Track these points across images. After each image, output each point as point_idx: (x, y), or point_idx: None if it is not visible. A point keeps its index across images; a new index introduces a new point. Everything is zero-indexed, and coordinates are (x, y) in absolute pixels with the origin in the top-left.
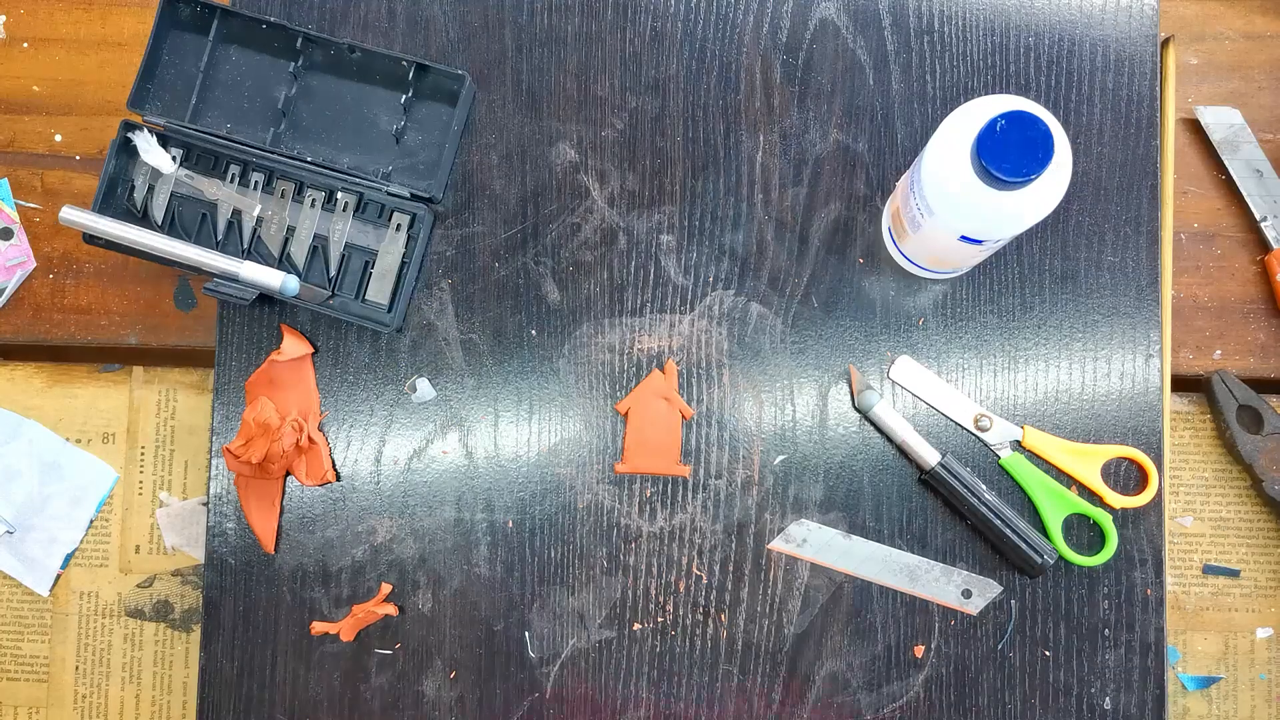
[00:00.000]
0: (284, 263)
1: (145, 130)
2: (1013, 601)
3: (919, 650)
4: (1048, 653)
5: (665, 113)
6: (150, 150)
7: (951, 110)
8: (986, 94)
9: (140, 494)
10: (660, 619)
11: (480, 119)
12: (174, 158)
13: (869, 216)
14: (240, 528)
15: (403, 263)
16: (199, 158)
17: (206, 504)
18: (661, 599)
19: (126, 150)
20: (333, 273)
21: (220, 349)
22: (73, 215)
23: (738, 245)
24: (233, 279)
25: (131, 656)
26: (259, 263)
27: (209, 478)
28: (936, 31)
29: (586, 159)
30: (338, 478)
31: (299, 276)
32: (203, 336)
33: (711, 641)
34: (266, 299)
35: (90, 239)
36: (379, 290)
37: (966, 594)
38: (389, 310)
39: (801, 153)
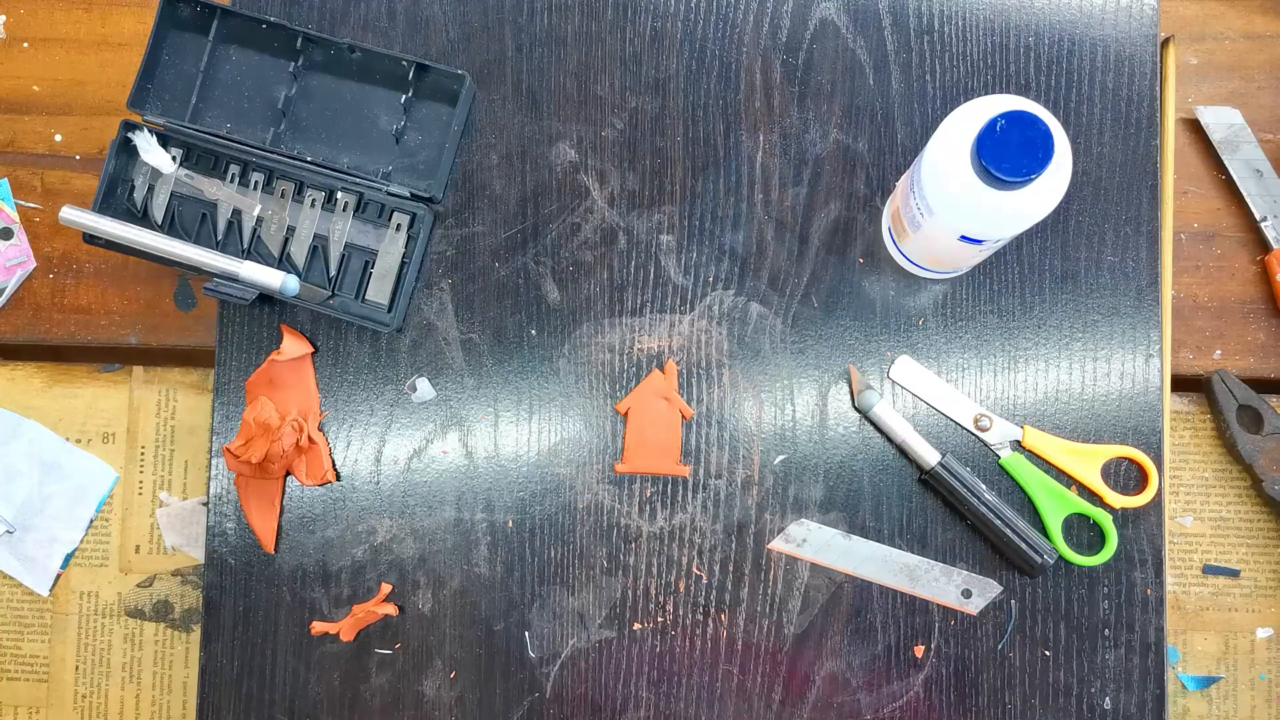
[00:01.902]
0: (284, 263)
1: (145, 130)
2: (1013, 601)
3: (919, 650)
4: (1047, 653)
5: (665, 113)
6: (150, 150)
7: (951, 110)
8: (986, 94)
9: (140, 494)
10: (660, 619)
11: (480, 119)
12: (174, 158)
13: (869, 216)
14: (240, 528)
15: (403, 263)
16: (199, 158)
17: (206, 504)
18: (661, 599)
19: (126, 150)
20: (333, 273)
21: (220, 349)
22: (73, 215)
23: (738, 245)
24: (233, 279)
25: (131, 656)
26: (259, 263)
27: (209, 478)
28: (936, 31)
29: (586, 159)
30: (338, 478)
31: (299, 276)
32: (203, 336)
33: (711, 641)
34: (266, 299)
35: (90, 239)
36: (379, 290)
37: (966, 594)
38: (389, 310)
39: (802, 153)
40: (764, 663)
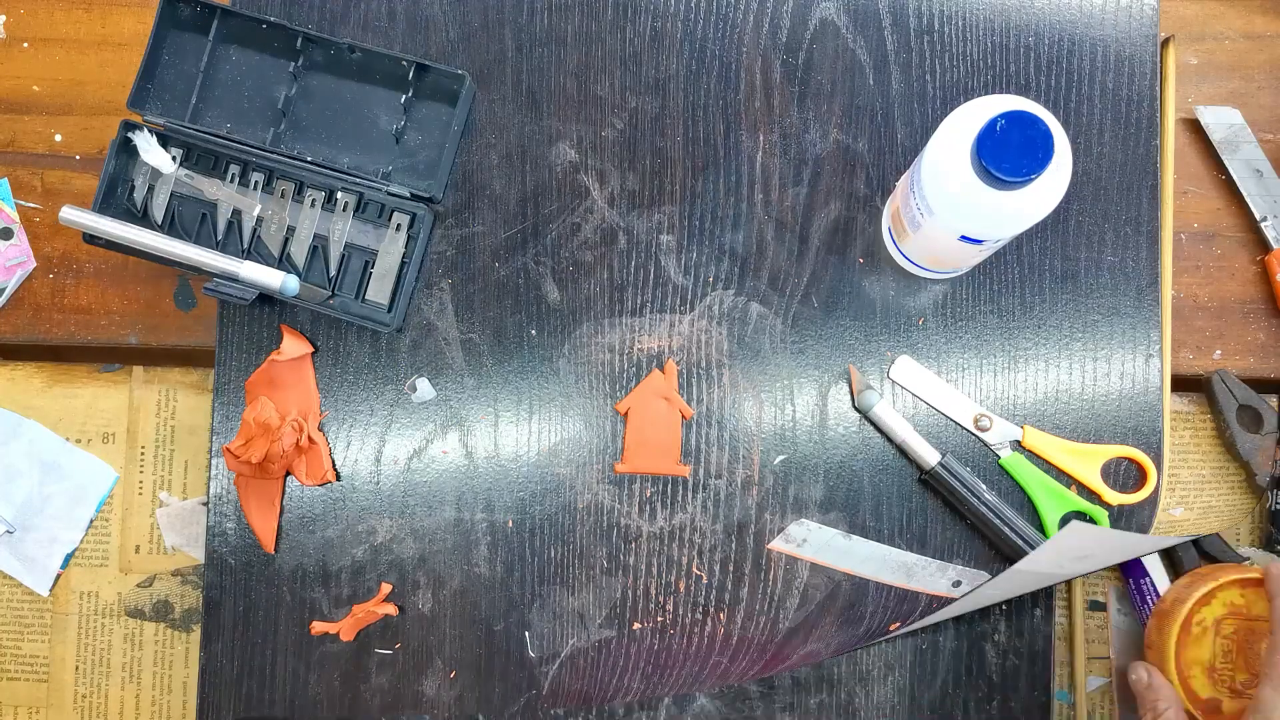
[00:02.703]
0: (284, 263)
1: (145, 130)
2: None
3: (894, 626)
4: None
5: (665, 113)
6: (150, 150)
7: (951, 110)
8: (986, 94)
9: (140, 494)
10: (660, 619)
11: (480, 119)
12: (174, 157)
13: (869, 216)
14: (240, 528)
15: (403, 262)
16: (199, 157)
17: (206, 504)
18: (661, 599)
19: (126, 150)
20: (332, 273)
21: (220, 349)
22: (73, 215)
23: (738, 245)
24: (233, 279)
25: (131, 656)
26: (259, 262)
27: (209, 478)
28: (936, 31)
29: (586, 158)
30: (338, 477)
31: (299, 276)
32: (203, 336)
33: (709, 639)
34: (267, 299)
35: (90, 239)
36: (379, 290)
37: (956, 584)
38: (389, 310)
39: (802, 153)
40: (752, 650)
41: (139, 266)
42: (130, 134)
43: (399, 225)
